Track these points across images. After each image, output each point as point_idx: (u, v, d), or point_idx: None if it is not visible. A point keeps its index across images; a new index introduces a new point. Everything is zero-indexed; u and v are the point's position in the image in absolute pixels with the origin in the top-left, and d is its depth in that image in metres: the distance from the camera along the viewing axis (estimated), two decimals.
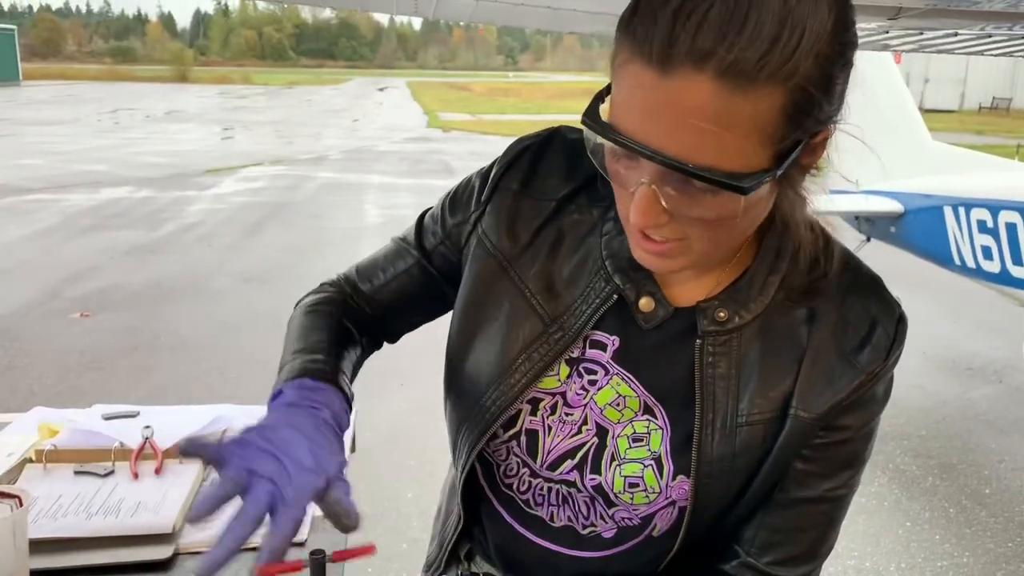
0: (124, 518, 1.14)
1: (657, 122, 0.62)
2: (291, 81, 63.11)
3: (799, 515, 0.82)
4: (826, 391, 0.77)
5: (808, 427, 0.78)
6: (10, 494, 0.99)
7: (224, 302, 5.90)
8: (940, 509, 3.38)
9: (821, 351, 0.78)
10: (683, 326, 0.80)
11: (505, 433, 0.86)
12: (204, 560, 0.68)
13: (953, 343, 5.39)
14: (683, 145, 0.62)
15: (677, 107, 0.61)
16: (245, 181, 11.95)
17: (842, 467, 0.81)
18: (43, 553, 1.05)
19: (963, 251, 4.41)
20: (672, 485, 0.81)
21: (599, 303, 0.81)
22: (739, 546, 0.84)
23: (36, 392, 4.24)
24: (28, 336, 5.12)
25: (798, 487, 0.81)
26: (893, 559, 3.02)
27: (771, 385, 0.78)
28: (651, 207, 0.66)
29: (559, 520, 0.87)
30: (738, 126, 0.62)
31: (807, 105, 0.63)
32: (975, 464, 3.77)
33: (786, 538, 0.82)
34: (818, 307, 0.79)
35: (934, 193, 4.65)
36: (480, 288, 0.87)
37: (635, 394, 0.82)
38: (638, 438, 0.81)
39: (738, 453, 0.78)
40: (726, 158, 0.63)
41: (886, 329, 0.78)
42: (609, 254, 0.82)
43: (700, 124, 0.61)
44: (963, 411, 4.37)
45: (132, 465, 1.27)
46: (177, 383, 4.45)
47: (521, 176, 0.87)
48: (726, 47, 0.59)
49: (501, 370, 0.84)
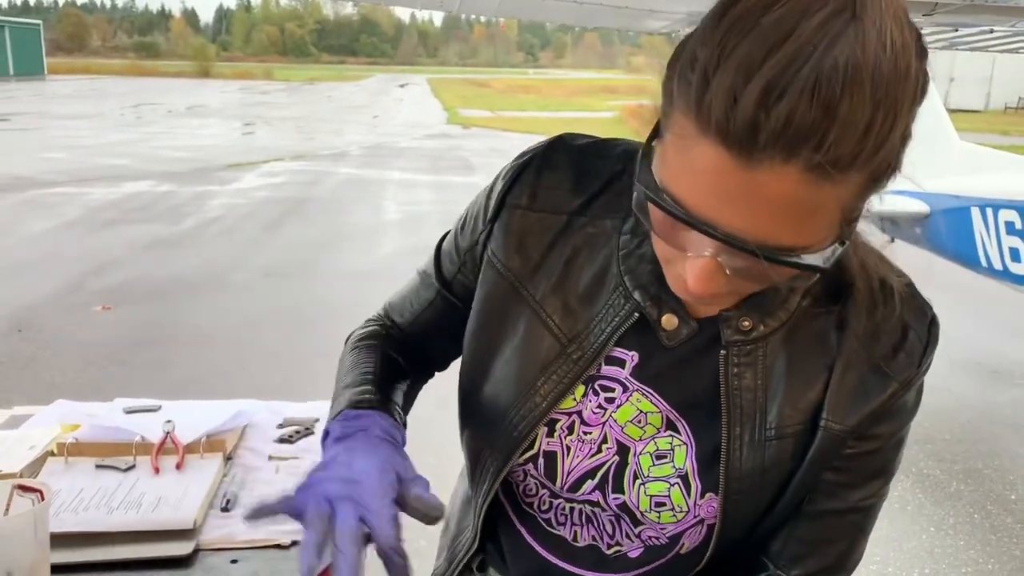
0: (145, 513, 1.13)
1: (733, 207, 0.58)
2: (312, 77, 63.39)
3: (828, 527, 0.79)
4: (858, 402, 0.74)
5: (839, 439, 0.75)
6: (32, 488, 0.98)
7: (245, 297, 5.92)
8: (965, 515, 3.33)
9: (852, 360, 0.75)
10: (706, 338, 0.77)
11: (521, 457, 0.82)
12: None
13: (979, 346, 5.31)
14: (759, 229, 0.58)
15: (759, 196, 0.56)
16: (266, 176, 12.01)
17: (872, 477, 0.78)
18: (64, 547, 1.05)
19: (990, 253, 4.35)
20: (700, 504, 0.78)
21: (619, 321, 0.78)
22: (767, 559, 0.81)
23: (58, 384, 4.27)
24: (51, 328, 5.16)
25: (828, 499, 0.78)
26: (916, 565, 2.97)
27: (800, 395, 0.75)
28: (712, 277, 0.63)
29: (583, 539, 0.84)
30: (821, 211, 0.59)
31: (885, 177, 0.60)
32: (1001, 469, 3.72)
33: (815, 550, 0.80)
34: (847, 313, 0.75)
35: (961, 194, 4.59)
36: (493, 311, 0.84)
37: (657, 410, 0.79)
38: (661, 455, 0.78)
39: (768, 467, 0.75)
40: (801, 238, 0.60)
41: (919, 334, 0.75)
42: (627, 269, 0.78)
43: (784, 213, 0.57)
44: (988, 415, 4.31)
45: (153, 460, 1.26)
46: (197, 377, 4.47)
47: (527, 191, 0.83)
48: (818, 140, 0.53)
49: (521, 393, 0.81)
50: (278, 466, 1.31)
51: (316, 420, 1.47)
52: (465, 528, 0.97)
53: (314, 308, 5.67)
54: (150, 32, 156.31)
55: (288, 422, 1.46)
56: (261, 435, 1.40)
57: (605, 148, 0.83)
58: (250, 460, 1.32)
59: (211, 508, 1.18)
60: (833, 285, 0.76)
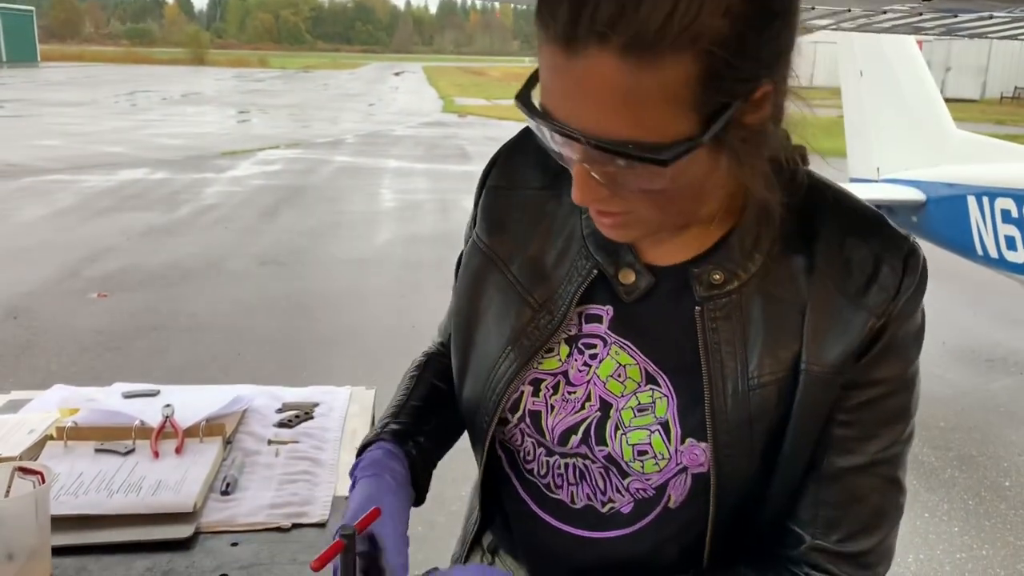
0: (145, 496, 1.13)
1: (571, 102, 0.64)
2: (307, 65, 63.13)
3: (855, 485, 0.77)
4: (837, 340, 0.74)
5: (825, 381, 0.74)
6: (32, 470, 0.98)
7: (240, 284, 5.91)
8: (959, 501, 3.35)
9: (824, 299, 0.74)
10: (672, 287, 0.79)
11: (513, 416, 0.85)
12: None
13: (974, 334, 5.33)
14: (598, 122, 0.63)
15: (586, 86, 0.62)
16: (261, 164, 11.97)
17: (885, 424, 0.76)
18: (65, 530, 1.05)
19: (986, 241, 4.36)
20: (682, 450, 0.78)
21: (580, 280, 0.82)
22: (801, 529, 0.79)
23: (54, 371, 4.27)
24: (46, 315, 5.15)
25: (845, 455, 0.76)
26: (911, 551, 2.99)
27: (779, 343, 0.75)
28: (587, 183, 0.68)
29: (579, 500, 0.85)
30: (649, 99, 0.61)
31: (723, 67, 0.61)
32: (995, 456, 3.74)
33: (847, 512, 0.77)
34: (816, 254, 0.75)
35: (957, 182, 4.59)
36: (473, 286, 0.89)
37: (635, 362, 0.80)
38: (643, 408, 0.79)
39: (755, 417, 0.75)
40: (644, 131, 0.63)
41: (892, 266, 0.74)
42: (589, 233, 0.82)
43: (609, 100, 0.62)
44: (983, 403, 4.33)
45: (153, 444, 1.26)
46: (193, 364, 4.47)
47: (502, 173, 0.90)
48: (626, 20, 0.59)
49: (493, 363, 0.85)
50: (278, 450, 1.31)
51: (315, 405, 1.47)
52: (475, 507, 1.00)
53: (309, 296, 5.66)
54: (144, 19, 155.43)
55: (287, 407, 1.46)
56: (260, 419, 1.41)
57: None
58: (249, 444, 1.32)
59: (211, 491, 1.18)
60: (802, 229, 0.76)
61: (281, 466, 1.26)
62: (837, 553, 0.78)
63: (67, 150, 12.60)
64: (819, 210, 0.77)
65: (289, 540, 1.09)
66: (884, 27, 2.10)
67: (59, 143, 13.40)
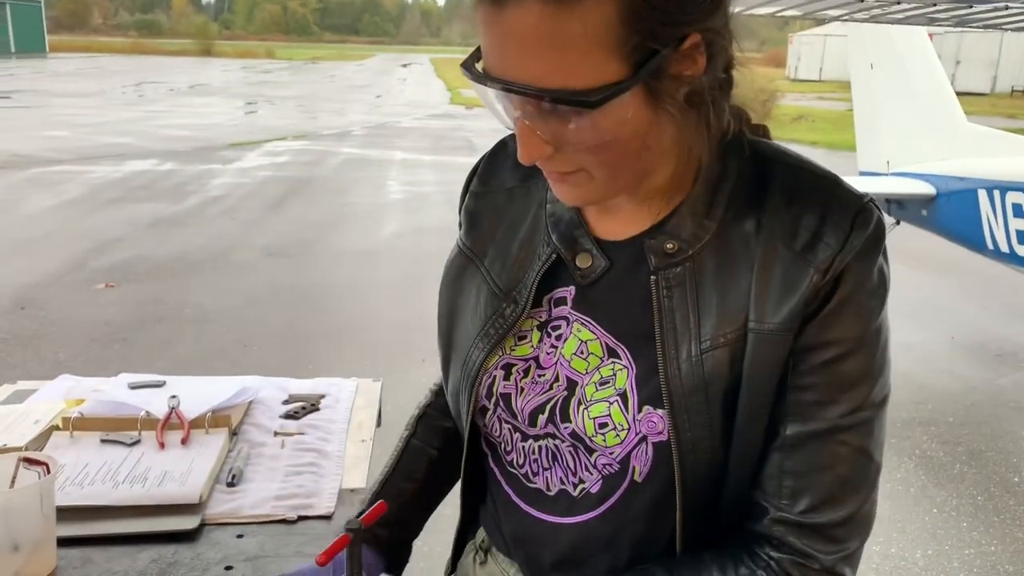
0: (151, 487, 1.13)
1: (502, 53, 0.67)
2: (314, 56, 63.06)
3: (818, 452, 0.75)
4: (781, 297, 0.73)
5: (772, 339, 0.73)
6: (38, 460, 0.98)
7: (247, 275, 5.91)
8: (968, 496, 3.33)
9: (770, 257, 0.74)
10: (629, 260, 0.80)
11: (490, 403, 0.87)
12: None
13: (982, 329, 5.30)
14: (528, 72, 0.65)
15: (513, 36, 0.65)
16: (269, 155, 11.97)
17: (846, 388, 0.74)
18: (70, 521, 1.04)
19: (997, 236, 4.32)
20: (639, 418, 0.77)
21: (540, 265, 0.85)
22: (765, 501, 0.77)
23: (62, 361, 4.27)
24: (54, 306, 5.16)
25: (805, 421, 0.74)
26: (919, 546, 2.98)
27: (730, 306, 0.75)
28: (530, 139, 0.70)
29: (553, 486, 0.85)
30: (574, 43, 0.64)
31: (643, 7, 0.64)
32: (1004, 452, 3.71)
33: (811, 480, 0.75)
34: (764, 216, 0.76)
35: (968, 176, 4.56)
36: (453, 284, 0.92)
37: (595, 336, 0.82)
38: (604, 381, 0.80)
39: (709, 381, 0.75)
40: (573, 78, 0.65)
41: (837, 222, 0.73)
42: (552, 223, 0.85)
43: (535, 48, 0.64)
44: (992, 398, 4.30)
45: (159, 435, 1.26)
46: (200, 355, 4.47)
47: (481, 179, 0.95)
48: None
49: (465, 356, 0.88)
50: (283, 441, 1.30)
51: (322, 397, 1.46)
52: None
53: (316, 287, 5.66)
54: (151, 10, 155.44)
55: (293, 398, 1.45)
56: (266, 411, 1.40)
57: None
58: (255, 436, 1.32)
59: (216, 483, 1.18)
60: (754, 194, 0.77)
61: (287, 458, 1.25)
62: (801, 524, 0.75)
63: (75, 141, 12.62)
64: (771, 175, 0.77)
65: (295, 532, 1.08)
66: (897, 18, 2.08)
67: (67, 134, 13.42)
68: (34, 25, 49.18)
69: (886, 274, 0.76)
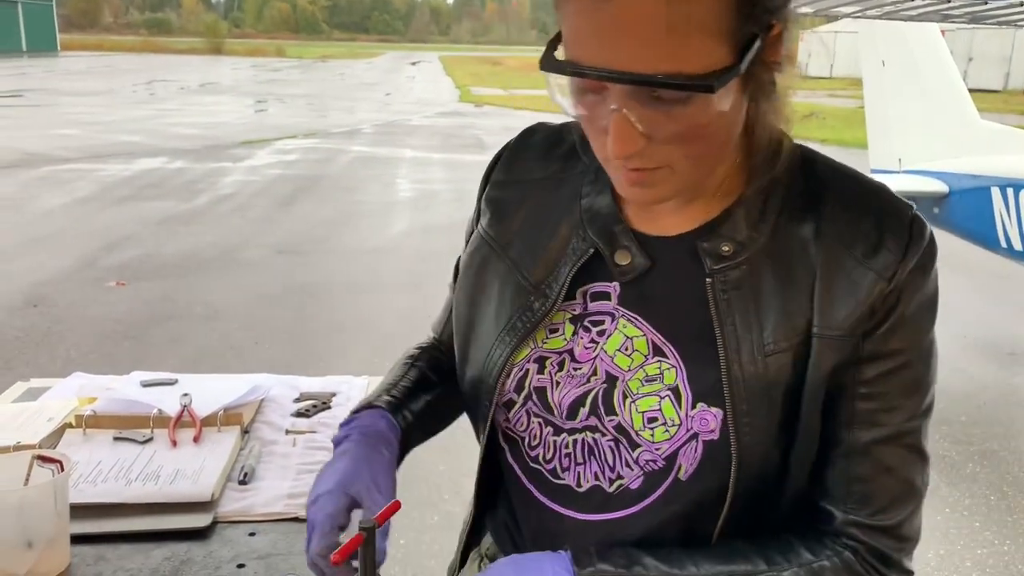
0: (163, 485, 1.13)
1: (609, 42, 0.63)
2: (324, 54, 63.16)
3: (883, 457, 0.78)
4: (846, 304, 0.75)
5: (837, 345, 0.75)
6: (52, 458, 0.98)
7: (257, 273, 5.93)
8: (981, 496, 3.31)
9: (832, 266, 0.76)
10: (678, 259, 0.80)
11: (519, 396, 0.86)
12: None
13: (995, 327, 5.27)
14: (640, 59, 0.63)
15: (624, 22, 0.62)
16: (278, 154, 12.00)
17: (907, 395, 0.77)
18: (83, 518, 1.05)
19: (1010, 233, 4.30)
20: (692, 415, 0.77)
21: (576, 260, 0.83)
22: (832, 506, 0.79)
23: (73, 358, 4.29)
24: (65, 303, 5.18)
25: (870, 428, 0.77)
26: (932, 546, 2.96)
27: (791, 310, 0.76)
28: (627, 132, 0.67)
29: (585, 482, 0.84)
30: (689, 28, 0.62)
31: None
32: (1017, 451, 3.69)
33: (877, 486, 0.78)
34: (823, 222, 0.77)
35: (981, 173, 4.53)
36: (476, 275, 0.91)
37: (642, 333, 0.81)
38: (651, 379, 0.80)
39: (772, 384, 0.75)
40: (686, 63, 0.63)
41: (897, 231, 0.76)
42: (588, 217, 0.84)
43: (651, 34, 0.62)
44: (1005, 397, 4.27)
45: (171, 432, 1.26)
46: (211, 352, 4.48)
47: (506, 167, 0.93)
48: None
49: (489, 349, 0.86)
50: (295, 439, 1.30)
51: (333, 394, 1.46)
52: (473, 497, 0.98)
53: (326, 285, 5.66)
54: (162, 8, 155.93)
55: (304, 396, 1.45)
56: (278, 409, 1.40)
57: (574, 124, 0.90)
58: (267, 434, 1.32)
59: (228, 481, 1.18)
60: (807, 199, 0.78)
61: (298, 456, 1.25)
62: (872, 527, 0.78)
63: (86, 139, 12.68)
64: (823, 181, 0.79)
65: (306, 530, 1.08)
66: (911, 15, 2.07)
67: (78, 132, 13.48)
68: (46, 24, 49.43)
69: (937, 285, 0.78)
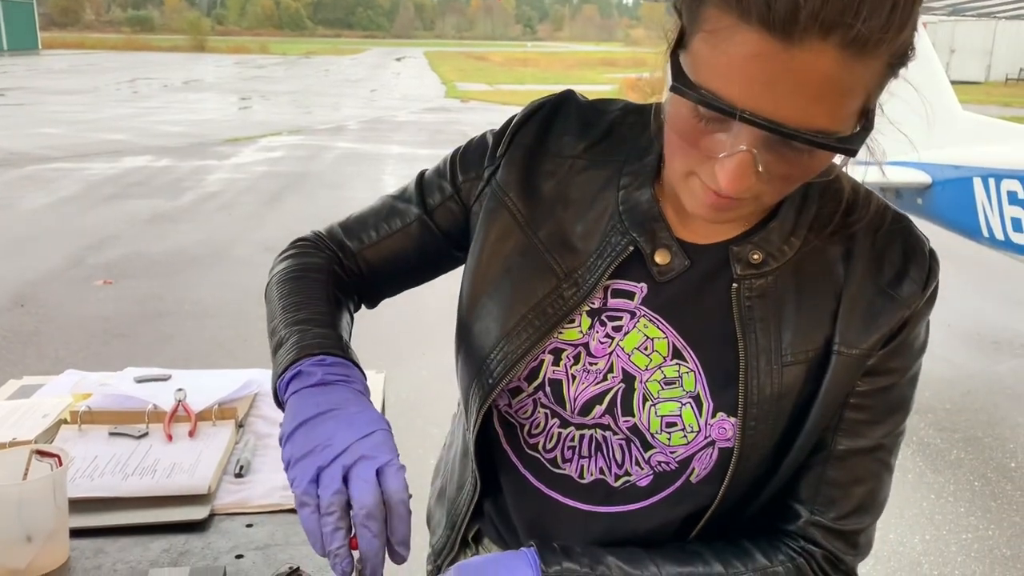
0: (160, 479, 1.14)
1: (775, 91, 0.61)
2: (308, 51, 62.91)
3: (857, 466, 0.81)
4: (869, 327, 0.77)
5: (854, 365, 0.78)
6: (50, 453, 0.99)
7: (245, 271, 5.92)
8: (965, 482, 3.36)
9: (859, 288, 0.78)
10: (708, 265, 0.81)
11: (529, 385, 0.85)
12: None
13: (979, 316, 5.33)
14: (798, 112, 0.62)
15: (800, 76, 0.60)
16: (264, 151, 11.95)
17: (891, 412, 0.81)
18: (81, 512, 1.06)
19: (992, 223, 4.34)
20: (712, 423, 0.79)
21: (615, 255, 0.82)
22: (799, 505, 0.82)
23: (62, 357, 4.28)
24: (53, 303, 5.16)
25: (853, 438, 0.80)
26: (917, 531, 3.00)
27: (811, 324, 0.78)
28: (747, 172, 0.66)
29: (589, 474, 0.85)
30: (853, 92, 0.63)
31: (899, 65, 0.65)
32: (1001, 437, 3.74)
33: (847, 491, 0.81)
34: (853, 246, 0.79)
35: (963, 164, 4.57)
36: (495, 244, 0.87)
37: (663, 335, 0.81)
38: (669, 381, 0.80)
39: (784, 394, 0.78)
40: (840, 123, 0.63)
41: (919, 263, 0.79)
42: (626, 209, 0.82)
43: (821, 92, 0.61)
44: (989, 384, 4.33)
45: (166, 427, 1.27)
46: (200, 350, 4.48)
47: (536, 132, 0.88)
48: (852, 16, 0.58)
49: (511, 327, 0.83)
50: None
51: None
52: (464, 481, 0.96)
53: None
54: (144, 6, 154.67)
55: None
56: (271, 403, 1.41)
57: (607, 103, 0.90)
58: (262, 428, 1.33)
59: (225, 474, 1.19)
60: (837, 220, 0.80)
61: None
62: (831, 529, 0.81)
63: (69, 138, 12.59)
64: (852, 204, 0.81)
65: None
66: None
67: (62, 131, 13.39)
68: (26, 22, 48.97)
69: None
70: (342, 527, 0.71)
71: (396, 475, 0.73)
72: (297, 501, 0.72)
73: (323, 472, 0.72)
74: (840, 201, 0.80)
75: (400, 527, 0.73)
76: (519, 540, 0.92)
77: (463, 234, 0.94)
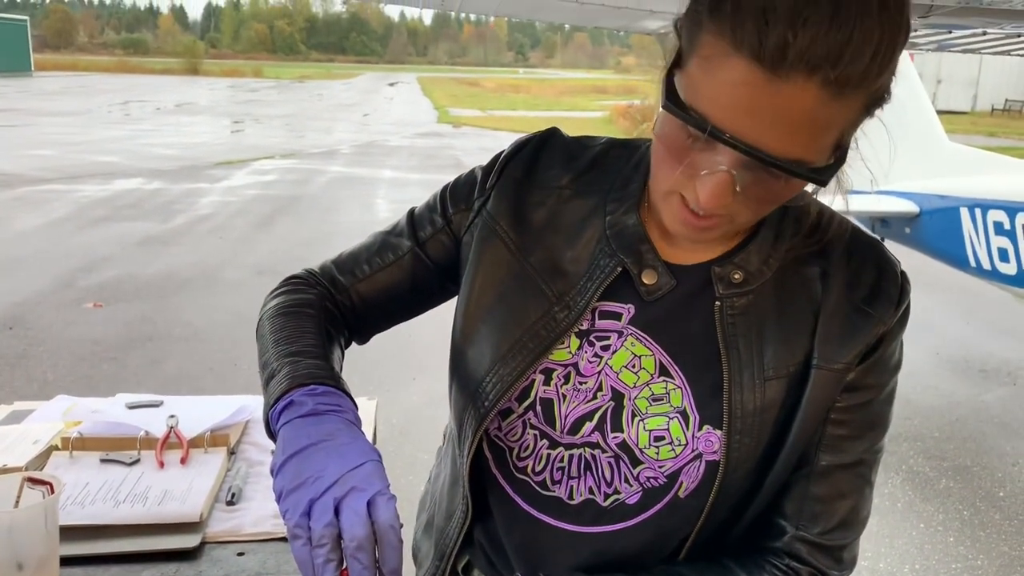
0: (151, 506, 1.14)
1: (758, 119, 0.65)
2: (301, 75, 63.19)
3: (840, 481, 0.83)
4: (847, 342, 0.80)
5: (833, 380, 0.81)
6: (42, 480, 0.99)
7: (236, 294, 5.90)
8: (954, 511, 3.36)
9: (836, 305, 0.82)
10: (692, 285, 0.84)
11: (520, 406, 0.86)
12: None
13: (967, 345, 5.36)
14: (778, 141, 0.66)
15: (782, 108, 0.64)
16: (256, 174, 11.97)
17: (870, 428, 0.84)
18: (72, 540, 1.05)
19: (979, 253, 4.39)
20: (699, 436, 0.81)
21: (603, 277, 0.85)
22: (784, 521, 0.84)
23: (50, 380, 4.26)
24: (42, 325, 5.14)
25: (835, 453, 0.83)
26: (907, 561, 3.01)
27: (791, 340, 0.81)
28: (726, 191, 0.70)
29: (578, 495, 0.86)
30: (830, 127, 0.67)
31: (875, 107, 0.70)
32: (989, 467, 3.76)
33: (830, 507, 0.83)
34: (829, 266, 0.83)
35: (950, 194, 4.63)
36: (488, 270, 0.90)
37: (650, 352, 0.84)
38: (657, 398, 0.83)
39: (767, 408, 0.81)
40: (815, 154, 0.68)
41: (892, 281, 0.83)
42: (614, 234, 0.86)
43: (800, 124, 0.65)
44: (977, 413, 4.35)
45: (158, 454, 1.27)
46: (190, 374, 4.46)
47: (524, 166, 0.92)
48: (836, 59, 0.62)
49: (505, 350, 0.86)
50: None
51: None
52: (455, 510, 0.96)
53: None
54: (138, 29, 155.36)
55: None
56: (263, 430, 1.41)
57: (590, 139, 0.95)
58: (254, 455, 1.33)
59: (216, 502, 1.19)
60: (814, 241, 0.84)
61: None
62: (816, 544, 0.83)
63: (62, 160, 12.59)
64: (825, 226, 0.85)
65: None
66: None
67: (54, 152, 13.38)
68: (19, 44, 49.03)
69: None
70: (333, 559, 0.71)
71: (387, 505, 0.73)
72: (289, 533, 0.73)
73: (315, 504, 0.72)
74: (807, 223, 0.84)
75: (391, 556, 0.73)
76: (510, 565, 0.93)
77: (454, 265, 0.96)
